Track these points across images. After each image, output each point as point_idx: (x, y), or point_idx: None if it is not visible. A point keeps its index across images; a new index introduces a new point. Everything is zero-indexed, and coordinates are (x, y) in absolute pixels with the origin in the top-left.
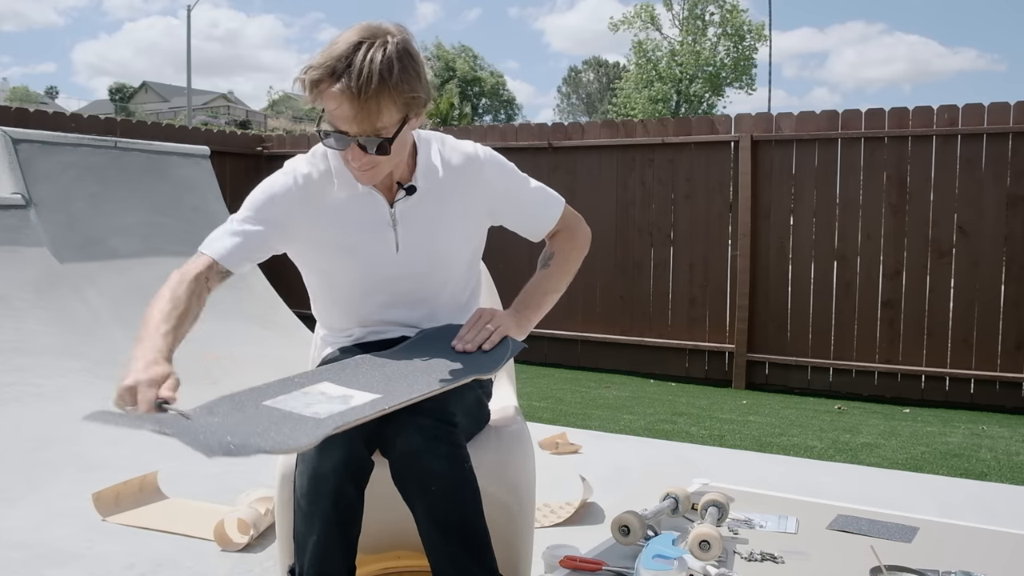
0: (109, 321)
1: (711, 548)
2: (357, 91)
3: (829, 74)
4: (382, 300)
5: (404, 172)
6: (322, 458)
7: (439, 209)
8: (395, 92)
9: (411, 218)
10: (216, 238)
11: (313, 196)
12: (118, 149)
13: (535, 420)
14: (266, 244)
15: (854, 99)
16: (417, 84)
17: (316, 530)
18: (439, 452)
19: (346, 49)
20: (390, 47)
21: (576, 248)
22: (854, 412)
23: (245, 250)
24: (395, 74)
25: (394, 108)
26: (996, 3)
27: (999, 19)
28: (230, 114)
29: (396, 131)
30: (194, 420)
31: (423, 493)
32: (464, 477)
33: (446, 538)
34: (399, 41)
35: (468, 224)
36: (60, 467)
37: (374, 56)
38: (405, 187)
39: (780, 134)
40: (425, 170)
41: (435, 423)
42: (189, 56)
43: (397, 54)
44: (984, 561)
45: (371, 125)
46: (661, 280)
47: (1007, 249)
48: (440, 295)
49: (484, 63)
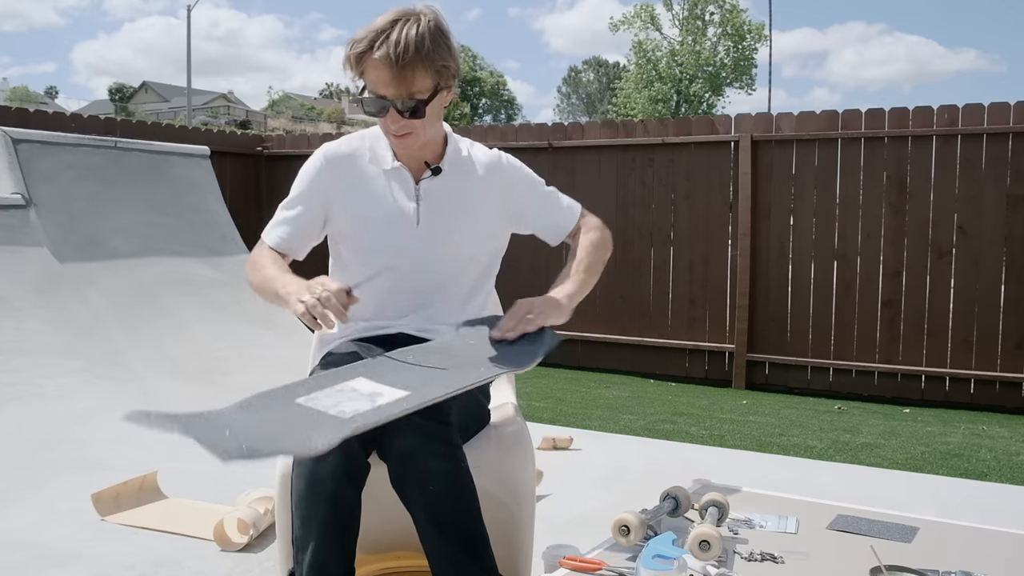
0: (109, 321)
1: (711, 548)
2: (396, 59)
3: (829, 74)
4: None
5: (434, 156)
6: (319, 462)
7: (461, 194)
8: (428, 61)
9: (434, 196)
10: (273, 226)
11: (344, 168)
12: (118, 149)
13: (535, 420)
14: (314, 221)
15: (854, 99)
16: (448, 55)
17: (314, 534)
18: (435, 452)
19: (384, 25)
20: (423, 23)
21: (601, 241)
22: (854, 412)
23: (299, 235)
24: (427, 45)
25: (427, 76)
26: (996, 3)
27: (999, 19)
28: (230, 114)
29: (430, 96)
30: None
31: (421, 493)
32: (461, 476)
33: (445, 538)
34: (432, 19)
35: (487, 218)
36: (60, 467)
37: (409, 30)
38: (432, 168)
39: (780, 134)
40: (453, 157)
41: (430, 423)
42: (189, 56)
43: (430, 29)
44: (984, 561)
45: (407, 89)
46: (661, 280)
47: (1007, 249)
48: (454, 284)
49: (484, 63)
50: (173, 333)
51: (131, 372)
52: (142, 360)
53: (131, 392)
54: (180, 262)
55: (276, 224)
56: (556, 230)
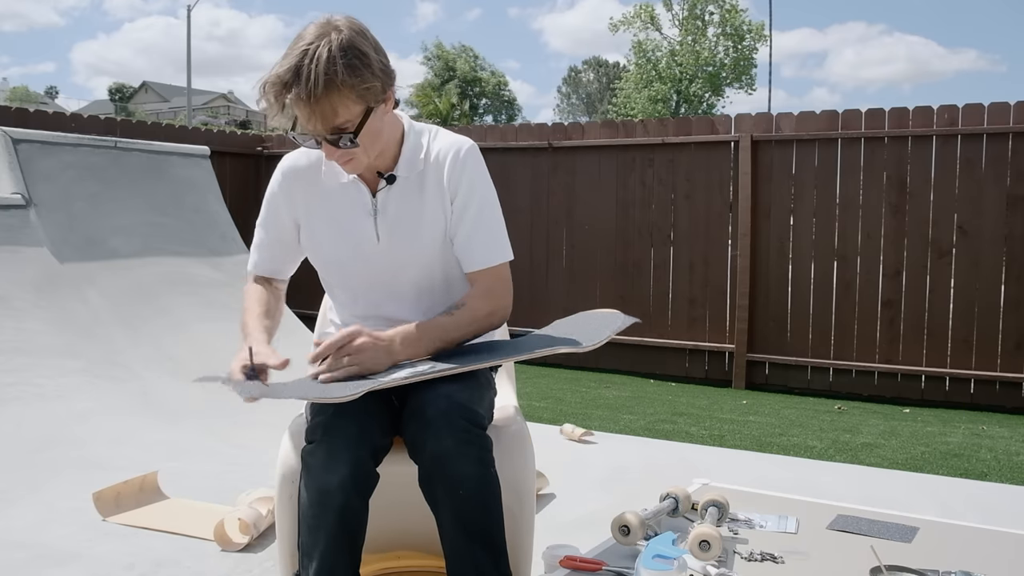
0: (109, 321)
1: (711, 548)
2: (307, 96)
3: (829, 74)
4: (371, 291)
5: (390, 161)
6: (328, 474)
7: (418, 199)
8: (345, 88)
9: (391, 208)
10: (252, 250)
11: (302, 182)
12: (118, 149)
13: (535, 420)
14: (286, 240)
15: (854, 99)
16: (367, 75)
17: (322, 543)
18: (471, 456)
19: (293, 60)
20: (334, 46)
21: (488, 313)
22: (854, 412)
23: (272, 254)
24: (341, 74)
25: (350, 103)
26: (996, 3)
27: (999, 19)
28: (230, 114)
29: (361, 121)
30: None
31: (451, 497)
32: (491, 483)
33: (470, 542)
34: (343, 38)
35: (448, 215)
36: (60, 467)
37: (319, 58)
38: (386, 176)
39: (780, 134)
40: (408, 160)
41: (467, 425)
42: (189, 56)
43: (341, 51)
44: (984, 561)
45: (331, 123)
46: (661, 280)
47: (1007, 249)
48: (430, 289)
49: (485, 63)
50: (173, 333)
51: (131, 372)
52: (142, 360)
53: (131, 392)
54: (180, 262)
55: (253, 248)
56: (463, 258)
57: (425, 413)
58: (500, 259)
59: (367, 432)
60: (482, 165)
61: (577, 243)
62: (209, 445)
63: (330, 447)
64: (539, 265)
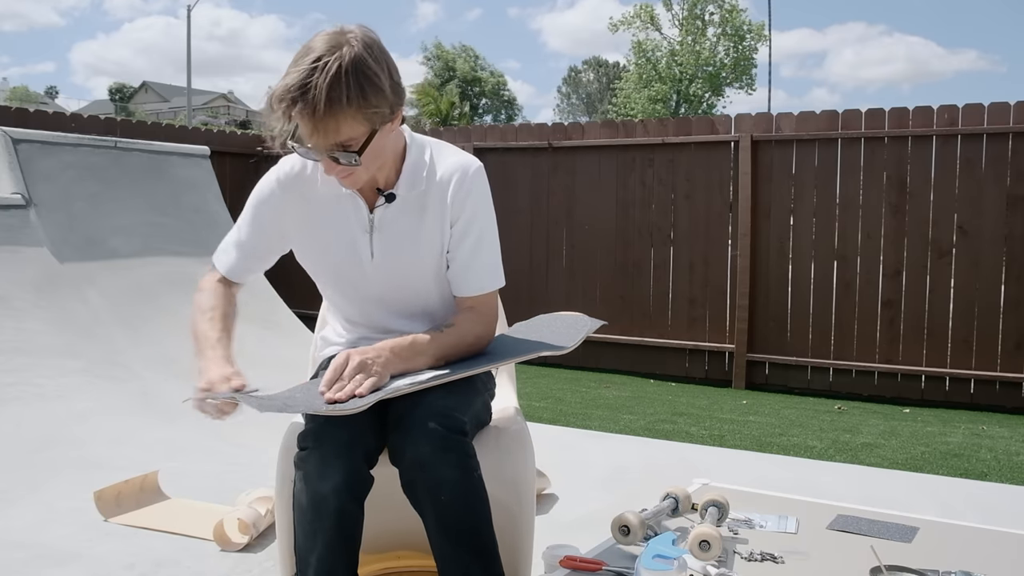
0: (109, 321)
1: (711, 548)
2: (312, 113)
3: (828, 74)
4: (365, 303)
5: (390, 177)
6: (323, 479)
7: (417, 219)
8: (351, 109)
9: (388, 226)
10: (223, 250)
11: (299, 191)
12: (118, 149)
13: (535, 420)
14: (268, 249)
15: (853, 99)
16: (375, 97)
17: (318, 546)
18: (449, 462)
19: (301, 75)
20: (345, 63)
21: (477, 337)
22: (854, 412)
23: (249, 261)
24: (349, 94)
25: (355, 123)
26: (996, 3)
27: (999, 20)
28: (230, 114)
29: (365, 141)
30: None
31: (433, 502)
32: (473, 486)
33: (456, 547)
34: (355, 54)
35: (446, 237)
36: (60, 467)
37: (328, 74)
38: (385, 194)
39: (780, 134)
40: (409, 178)
41: (445, 432)
42: (189, 56)
43: (353, 70)
44: (984, 561)
45: (334, 141)
46: (661, 280)
47: (1007, 249)
48: (425, 304)
49: (485, 63)
50: (173, 333)
51: (131, 372)
52: (142, 360)
53: (131, 392)
54: (180, 262)
55: (226, 248)
56: (455, 284)
57: (404, 420)
58: (493, 287)
59: (359, 437)
60: (486, 188)
61: (577, 243)
62: (209, 445)
63: (323, 454)
64: (539, 265)
